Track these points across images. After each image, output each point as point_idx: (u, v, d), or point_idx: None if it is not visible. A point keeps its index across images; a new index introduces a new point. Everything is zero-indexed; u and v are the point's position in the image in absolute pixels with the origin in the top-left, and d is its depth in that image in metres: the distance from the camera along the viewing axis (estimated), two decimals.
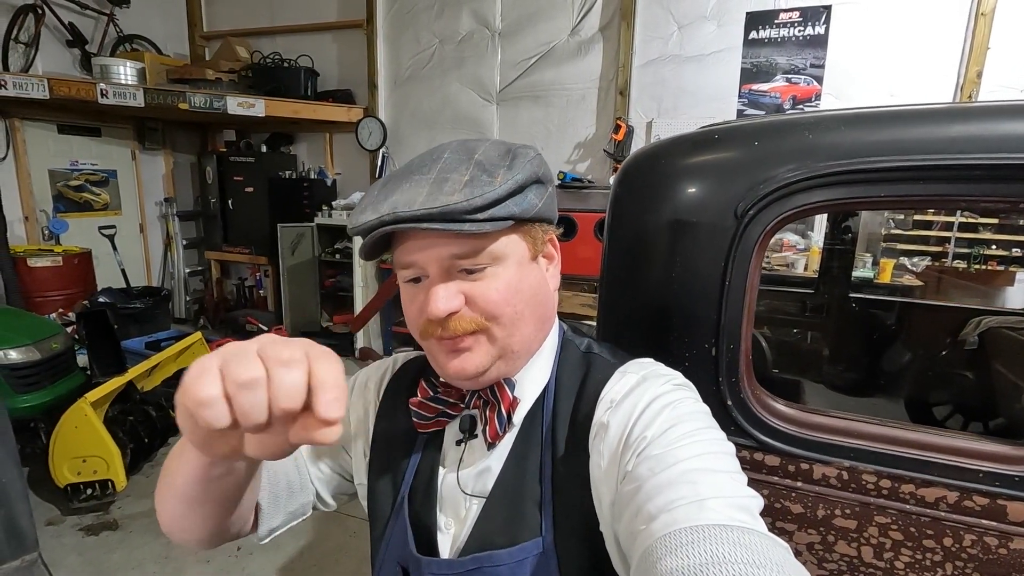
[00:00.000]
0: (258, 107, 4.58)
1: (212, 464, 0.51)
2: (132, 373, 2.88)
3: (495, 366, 0.61)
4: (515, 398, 0.63)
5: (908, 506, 0.76)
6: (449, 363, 0.60)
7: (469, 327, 0.59)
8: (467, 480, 0.64)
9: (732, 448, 0.55)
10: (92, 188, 5.10)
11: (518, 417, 0.64)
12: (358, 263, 4.61)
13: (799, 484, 0.81)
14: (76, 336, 3.43)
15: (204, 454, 0.47)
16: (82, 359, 3.25)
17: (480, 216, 0.55)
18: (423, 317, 0.60)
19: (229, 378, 0.37)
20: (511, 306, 0.60)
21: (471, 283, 0.59)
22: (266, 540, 0.71)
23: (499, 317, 0.60)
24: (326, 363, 0.39)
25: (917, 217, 4.30)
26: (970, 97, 3.32)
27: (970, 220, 4.28)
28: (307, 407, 0.38)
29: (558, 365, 0.67)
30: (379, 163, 5.07)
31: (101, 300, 4.36)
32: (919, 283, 3.37)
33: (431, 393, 0.66)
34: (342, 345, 4.85)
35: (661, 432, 0.54)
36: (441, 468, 0.67)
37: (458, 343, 0.59)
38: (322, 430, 0.38)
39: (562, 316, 0.72)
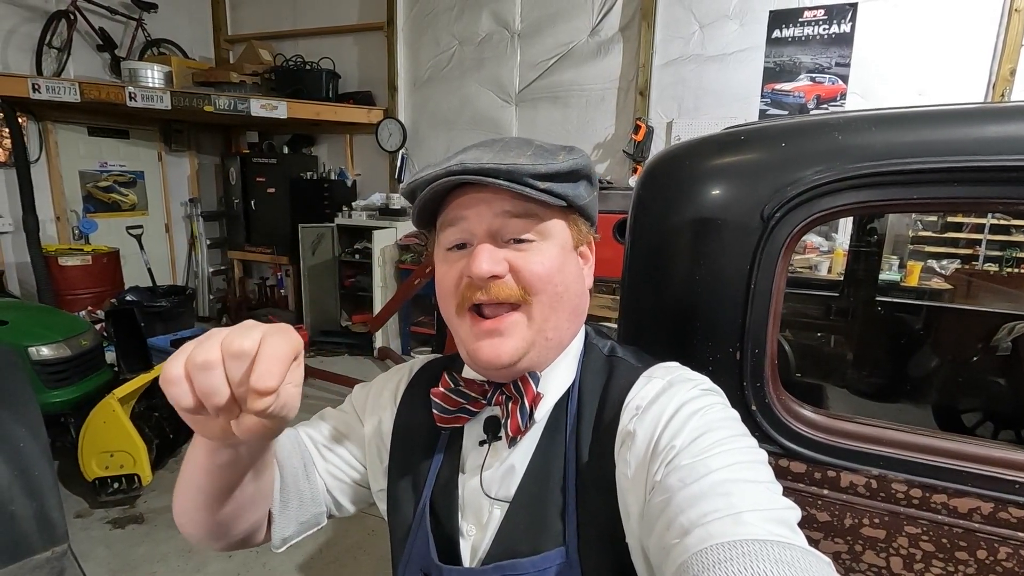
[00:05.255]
0: (280, 109, 4.65)
1: (215, 452, 0.53)
2: (158, 370, 2.95)
3: (527, 357, 0.60)
4: (538, 393, 0.62)
5: (940, 517, 0.74)
6: (482, 349, 0.59)
7: (512, 295, 0.59)
8: (490, 483, 0.64)
9: (764, 456, 0.53)
10: (120, 189, 5.23)
11: (540, 413, 0.63)
12: (377, 264, 4.65)
13: (826, 492, 0.79)
14: (104, 333, 3.52)
15: (203, 437, 0.50)
16: (110, 356, 3.33)
17: (541, 184, 0.57)
18: (463, 283, 0.60)
19: (189, 361, 0.43)
20: (553, 284, 0.60)
21: (516, 253, 0.60)
22: (281, 549, 0.71)
23: (541, 293, 0.60)
24: (275, 341, 0.43)
25: (947, 218, 4.18)
26: (1003, 96, 3.22)
27: (1002, 222, 4.15)
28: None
29: (581, 368, 0.66)
30: (399, 164, 5.11)
31: (128, 298, 4.46)
32: (948, 287, 3.28)
33: (452, 386, 0.66)
34: (361, 345, 4.89)
35: (690, 441, 0.52)
36: (462, 474, 0.66)
37: (496, 323, 0.59)
38: (255, 397, 0.42)
39: None
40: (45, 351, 2.81)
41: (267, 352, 0.42)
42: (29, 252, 4.19)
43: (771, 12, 3.71)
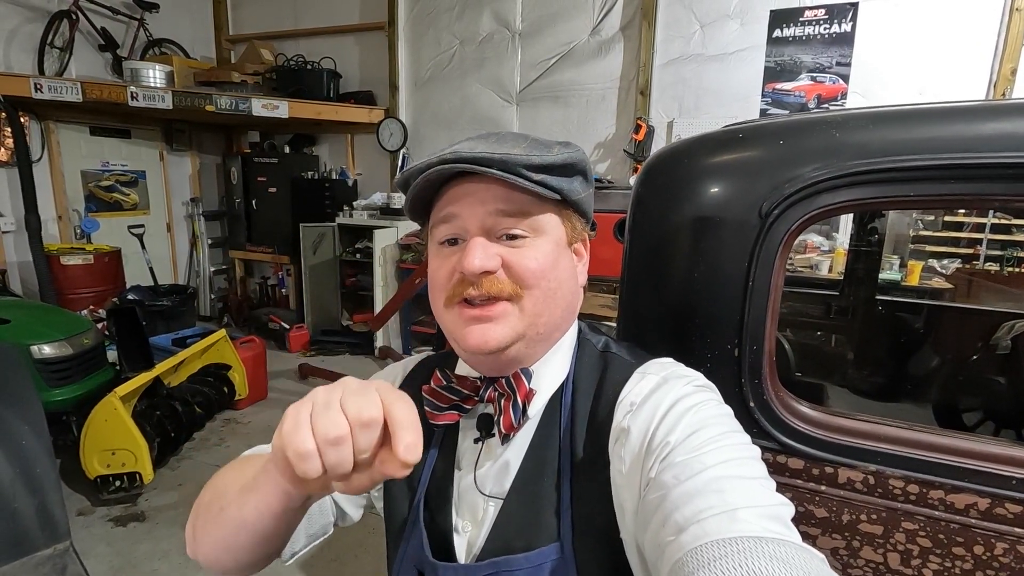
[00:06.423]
0: (282, 109, 4.65)
1: (294, 499, 0.51)
2: (159, 369, 2.96)
3: (515, 346, 0.60)
4: (531, 389, 0.62)
5: (937, 512, 0.74)
6: (471, 334, 0.59)
7: (504, 290, 0.58)
8: (485, 480, 0.64)
9: (758, 452, 0.53)
10: (122, 188, 5.24)
11: (533, 410, 0.63)
12: (378, 263, 4.65)
13: (823, 488, 0.79)
14: (106, 332, 3.53)
15: (297, 491, 0.49)
16: (111, 355, 3.34)
17: (535, 176, 0.57)
18: (454, 278, 0.59)
19: (319, 435, 0.41)
20: (547, 279, 0.60)
21: (509, 249, 0.59)
22: (289, 562, 0.71)
23: (534, 288, 0.59)
24: (402, 407, 0.43)
25: (947, 218, 4.19)
26: (1004, 95, 3.22)
27: (1003, 221, 4.15)
28: (385, 443, 0.43)
29: (575, 363, 0.66)
30: (399, 164, 5.12)
31: (130, 297, 4.47)
32: (948, 286, 3.28)
33: (444, 382, 0.65)
34: (362, 344, 4.90)
35: (685, 437, 0.52)
36: (457, 471, 0.66)
37: (485, 310, 0.58)
38: (400, 468, 0.42)
39: (580, 316, 0.72)
40: (47, 349, 2.82)
41: (406, 419, 0.42)
42: (31, 251, 4.21)
43: (772, 11, 3.71)
